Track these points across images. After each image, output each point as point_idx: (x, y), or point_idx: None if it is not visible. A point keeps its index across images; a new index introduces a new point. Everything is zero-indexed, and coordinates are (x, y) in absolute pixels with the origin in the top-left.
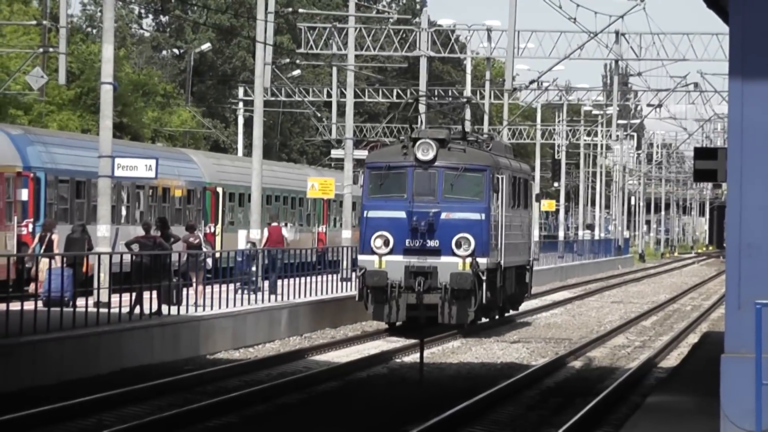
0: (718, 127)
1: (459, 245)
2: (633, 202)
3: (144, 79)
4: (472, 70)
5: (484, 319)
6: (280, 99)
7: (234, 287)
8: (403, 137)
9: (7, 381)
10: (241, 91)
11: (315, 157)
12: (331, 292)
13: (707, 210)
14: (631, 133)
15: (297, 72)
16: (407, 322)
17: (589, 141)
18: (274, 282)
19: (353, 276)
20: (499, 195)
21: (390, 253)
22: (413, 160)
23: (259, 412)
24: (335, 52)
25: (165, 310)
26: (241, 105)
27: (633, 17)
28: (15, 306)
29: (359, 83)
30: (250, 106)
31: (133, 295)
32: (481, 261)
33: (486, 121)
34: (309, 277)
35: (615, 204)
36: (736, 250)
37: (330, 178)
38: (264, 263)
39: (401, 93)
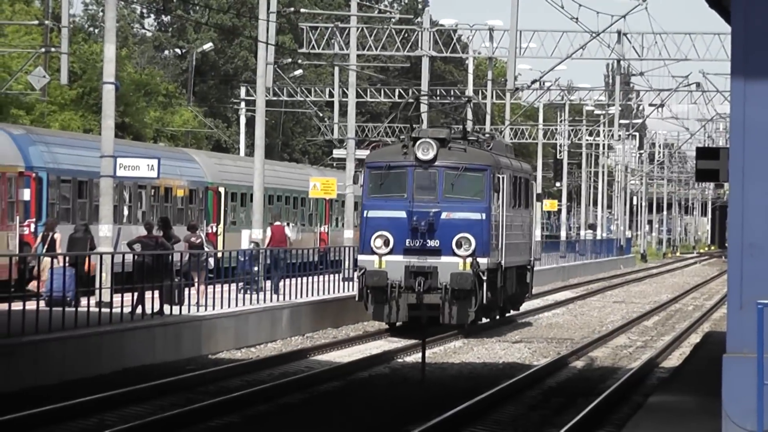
0: (720, 126)
1: (459, 245)
2: (635, 202)
3: (146, 79)
4: (474, 70)
5: (485, 320)
6: (282, 99)
7: (237, 287)
8: (404, 137)
9: (9, 381)
10: (243, 90)
11: (317, 156)
12: (332, 292)
13: (709, 210)
14: (633, 133)
15: (299, 72)
16: (408, 322)
17: (591, 141)
18: (277, 282)
19: (355, 276)
20: (499, 195)
21: (390, 253)
22: (413, 159)
23: (261, 412)
24: (337, 51)
25: (167, 309)
26: (243, 105)
27: (635, 17)
28: (17, 306)
29: (361, 83)
30: (252, 106)
31: (135, 294)
32: (482, 261)
33: (488, 121)
34: (311, 277)
35: (617, 204)
36: (738, 250)
37: (332, 178)
38: (268, 263)
39: (403, 93)
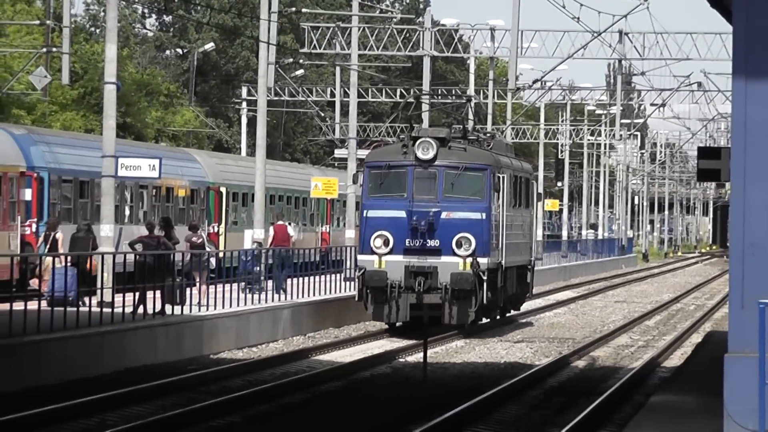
0: (721, 126)
1: (459, 245)
2: (636, 202)
3: (147, 79)
4: (476, 70)
5: (485, 320)
6: (283, 99)
7: (239, 287)
8: (404, 136)
9: (11, 381)
10: (244, 90)
11: (318, 156)
12: (334, 292)
13: (711, 209)
14: (635, 133)
15: (300, 72)
16: (409, 322)
17: (592, 140)
18: (282, 281)
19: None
20: (500, 194)
21: (390, 252)
22: (413, 159)
23: (262, 412)
24: (338, 51)
25: (168, 309)
26: (244, 105)
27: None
28: (18, 305)
29: (362, 83)
30: (253, 106)
31: (137, 294)
32: (482, 261)
33: (489, 121)
34: (312, 277)
35: (618, 203)
36: (740, 250)
37: (333, 178)
38: (271, 262)
39: (404, 93)
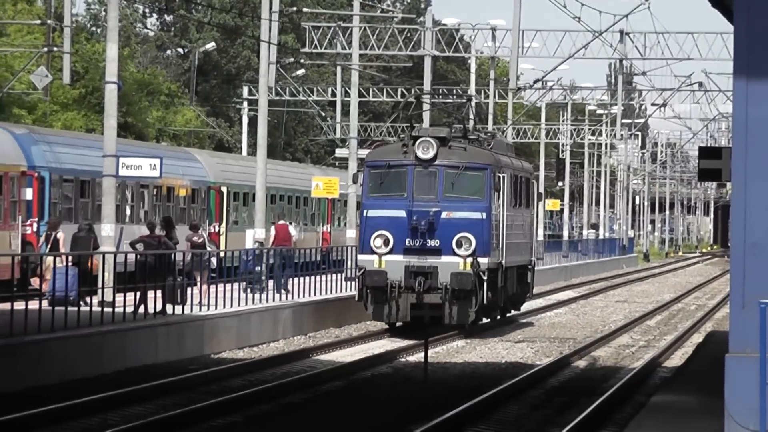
0: (722, 126)
1: (460, 245)
2: (637, 202)
3: (148, 79)
4: (477, 70)
5: (485, 320)
6: (284, 98)
7: (242, 286)
8: (404, 135)
9: (12, 380)
10: (245, 90)
11: (319, 156)
12: (335, 292)
13: (712, 209)
14: (636, 133)
15: (301, 71)
16: (410, 322)
17: (593, 140)
18: (285, 281)
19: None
20: (500, 194)
21: (390, 252)
22: (413, 158)
23: (263, 412)
24: (340, 51)
25: (169, 309)
26: (245, 104)
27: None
28: (19, 305)
29: (364, 82)
30: (254, 106)
31: (138, 294)
32: (482, 261)
33: (490, 120)
34: (313, 277)
35: (619, 203)
36: (741, 250)
37: (334, 178)
38: (273, 262)
39: (406, 92)
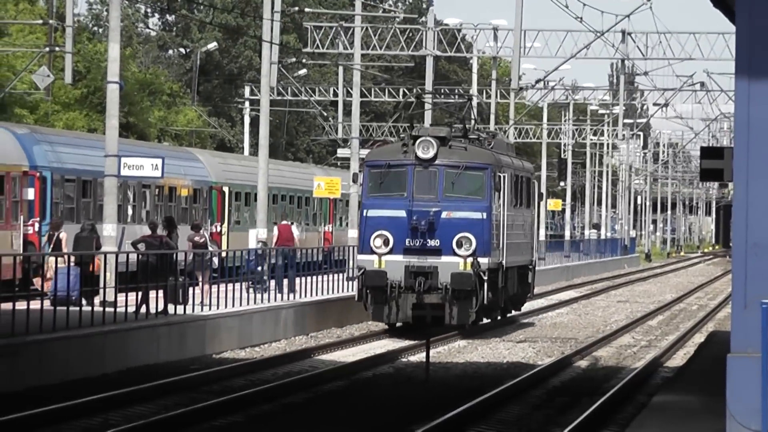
0: (724, 126)
1: (460, 245)
2: (639, 202)
3: (150, 79)
4: (479, 70)
5: (486, 320)
6: (286, 98)
7: (244, 286)
8: (404, 135)
9: (13, 380)
10: (247, 90)
11: (321, 156)
12: (337, 292)
13: (713, 209)
14: (638, 133)
15: (303, 71)
16: (410, 322)
17: (595, 140)
18: (291, 280)
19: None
20: (500, 194)
21: (390, 252)
22: (413, 158)
23: (265, 412)
24: (341, 51)
25: (171, 309)
26: (247, 104)
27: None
28: (21, 305)
29: (365, 82)
30: (256, 106)
31: (139, 294)
32: (483, 261)
33: (492, 120)
34: (315, 277)
35: (621, 203)
36: (743, 250)
37: (336, 178)
38: (276, 262)
39: (407, 92)
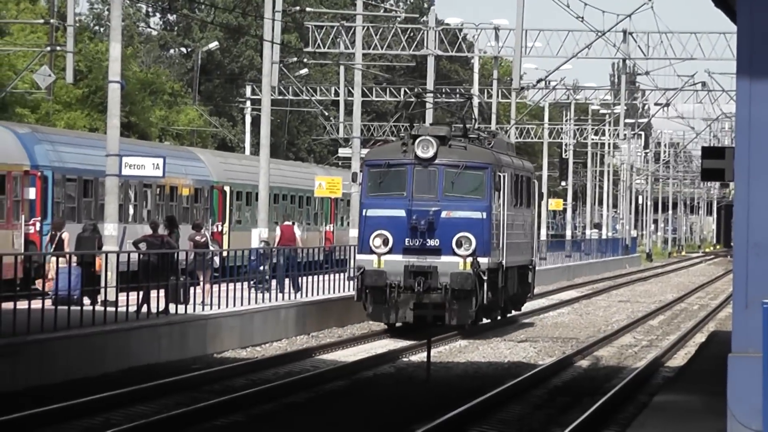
0: (725, 126)
1: (459, 244)
2: (640, 201)
3: (151, 78)
4: (480, 69)
5: (486, 320)
6: (287, 98)
7: (247, 285)
8: (403, 134)
9: (15, 380)
10: (248, 89)
11: (322, 155)
12: (338, 291)
13: (715, 209)
14: (639, 132)
15: (304, 71)
16: (410, 322)
17: (596, 140)
18: (296, 280)
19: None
20: (500, 193)
21: (389, 252)
22: (413, 157)
23: (266, 411)
24: (343, 50)
25: (172, 308)
26: (248, 104)
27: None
28: (22, 305)
29: (367, 82)
30: (257, 105)
31: (141, 293)
32: (482, 261)
33: (493, 120)
34: (316, 276)
35: (622, 203)
36: (744, 250)
37: (337, 177)
38: (279, 262)
39: (409, 92)
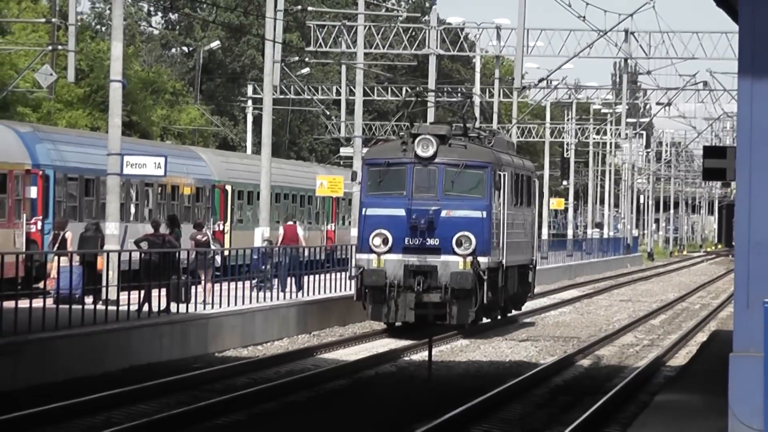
0: (727, 125)
1: (459, 244)
2: (642, 201)
3: (153, 77)
4: (482, 69)
5: (486, 320)
6: (289, 97)
7: (249, 284)
8: (403, 133)
9: (16, 378)
10: (250, 89)
11: (324, 155)
12: (339, 291)
13: (716, 208)
14: (640, 132)
15: (306, 70)
16: (411, 321)
17: (598, 139)
18: (299, 279)
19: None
20: (500, 192)
21: (389, 251)
22: (413, 156)
23: (267, 410)
24: (344, 50)
25: (173, 307)
26: (250, 103)
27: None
28: (24, 303)
29: (368, 81)
30: (259, 104)
31: (142, 292)
32: (482, 260)
33: (495, 119)
34: (318, 275)
35: (624, 202)
36: (745, 249)
37: (339, 176)
38: (282, 261)
39: (410, 91)
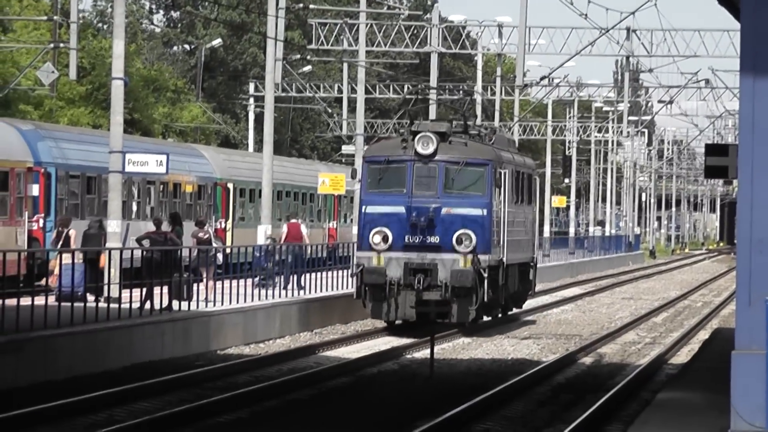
0: (729, 123)
1: (460, 241)
2: (644, 199)
3: (155, 75)
4: (483, 66)
5: (486, 318)
6: (290, 95)
7: (249, 282)
8: (403, 130)
9: (18, 376)
10: (251, 86)
11: (326, 152)
12: (341, 288)
13: (718, 206)
14: (642, 130)
15: (308, 68)
16: (411, 319)
17: (600, 137)
18: (300, 278)
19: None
20: (501, 190)
21: (389, 249)
22: (413, 153)
23: (269, 408)
24: (346, 47)
25: (175, 305)
26: (251, 101)
27: (644, 13)
28: (26, 301)
29: (370, 79)
30: (260, 102)
31: (144, 290)
32: (483, 258)
33: (497, 117)
34: (320, 273)
35: (626, 200)
36: (747, 247)
37: (341, 174)
38: (286, 259)
39: (412, 89)
